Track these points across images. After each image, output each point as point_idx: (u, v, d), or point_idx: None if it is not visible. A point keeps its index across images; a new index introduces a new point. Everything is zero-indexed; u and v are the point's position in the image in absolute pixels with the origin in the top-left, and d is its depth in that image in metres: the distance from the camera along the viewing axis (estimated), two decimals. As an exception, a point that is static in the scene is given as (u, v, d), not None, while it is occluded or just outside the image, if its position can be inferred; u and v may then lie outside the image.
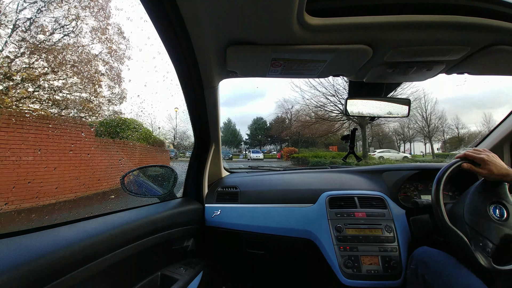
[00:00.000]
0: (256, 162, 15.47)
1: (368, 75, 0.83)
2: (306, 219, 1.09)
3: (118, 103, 6.47)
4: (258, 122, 38.95)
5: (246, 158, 23.59)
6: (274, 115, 35.67)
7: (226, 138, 38.94)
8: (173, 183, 1.17)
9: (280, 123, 30.25)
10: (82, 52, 5.44)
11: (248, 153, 25.42)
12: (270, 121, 35.91)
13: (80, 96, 5.45)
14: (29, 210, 2.32)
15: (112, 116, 6.15)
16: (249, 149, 32.85)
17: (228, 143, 39.03)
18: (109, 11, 5.92)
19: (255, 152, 24.16)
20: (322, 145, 22.06)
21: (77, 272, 0.55)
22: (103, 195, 3.66)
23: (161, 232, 0.88)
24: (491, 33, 0.61)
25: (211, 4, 0.51)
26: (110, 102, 6.29)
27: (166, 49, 0.71)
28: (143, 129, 5.97)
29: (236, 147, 39.17)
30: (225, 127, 39.98)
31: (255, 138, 38.59)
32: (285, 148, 23.61)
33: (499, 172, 0.77)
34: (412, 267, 0.84)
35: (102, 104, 6.06)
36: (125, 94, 6.55)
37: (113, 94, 6.38)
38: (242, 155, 30.26)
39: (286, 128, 27.79)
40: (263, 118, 39.02)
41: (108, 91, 6.23)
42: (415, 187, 1.22)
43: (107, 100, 6.20)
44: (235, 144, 39.19)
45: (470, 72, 0.84)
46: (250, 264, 1.31)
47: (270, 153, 31.19)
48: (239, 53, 0.67)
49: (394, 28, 0.59)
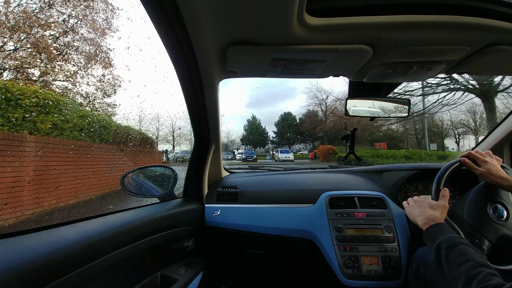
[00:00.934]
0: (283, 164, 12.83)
1: (368, 75, 0.83)
2: (306, 219, 1.09)
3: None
4: (286, 118, 34.35)
5: (274, 159, 21.02)
6: (305, 108, 32.09)
7: (250, 137, 35.28)
8: (173, 183, 1.17)
9: (313, 117, 26.39)
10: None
11: (275, 154, 22.51)
12: (300, 116, 31.58)
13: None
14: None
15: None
16: (277, 148, 29.63)
17: (252, 142, 35.33)
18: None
19: (284, 152, 21.16)
20: (366, 142, 18.14)
21: (77, 272, 0.55)
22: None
23: (161, 232, 0.88)
24: (491, 33, 0.62)
25: (211, 4, 0.51)
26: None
27: (166, 49, 0.71)
28: (81, 112, 3.55)
29: (262, 146, 36.03)
30: (249, 124, 36.74)
31: (283, 137, 34.39)
32: (321, 146, 19.77)
33: (497, 174, 0.77)
34: (414, 267, 0.84)
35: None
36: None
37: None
38: (268, 155, 27.53)
39: (320, 123, 24.14)
40: (292, 113, 34.53)
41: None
42: (415, 187, 1.22)
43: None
44: (261, 144, 35.87)
45: (470, 72, 0.84)
46: (250, 264, 1.31)
47: (298, 152, 27.50)
48: (239, 53, 0.67)
49: (394, 28, 0.59)
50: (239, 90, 62.82)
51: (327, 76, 0.84)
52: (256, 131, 35.76)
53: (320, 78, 0.86)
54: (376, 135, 17.36)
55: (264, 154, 29.59)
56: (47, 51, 4.61)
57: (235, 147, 34.04)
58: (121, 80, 6.91)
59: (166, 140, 20.24)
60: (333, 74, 0.83)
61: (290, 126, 33.47)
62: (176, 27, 0.61)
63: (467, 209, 0.80)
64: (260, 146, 36.16)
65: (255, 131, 35.61)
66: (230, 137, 35.30)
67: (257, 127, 36.35)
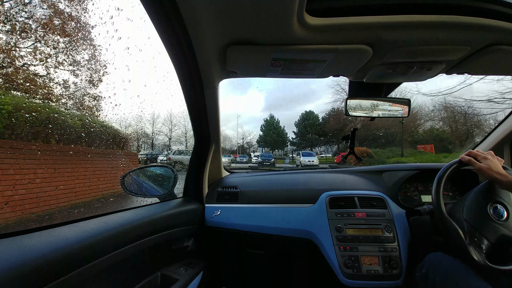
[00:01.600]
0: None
1: (368, 75, 0.83)
2: (306, 219, 1.09)
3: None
4: (308, 117, 30.77)
5: (294, 164, 17.25)
6: (329, 105, 27.73)
7: (267, 138, 31.19)
8: (173, 183, 1.17)
9: (338, 115, 22.30)
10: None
11: (296, 157, 18.28)
12: (323, 115, 28.01)
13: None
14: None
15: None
16: (297, 151, 25.07)
17: (270, 144, 31.39)
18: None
19: (307, 155, 17.48)
20: (406, 143, 15.04)
21: (77, 272, 0.55)
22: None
23: (161, 232, 0.88)
24: (491, 33, 0.62)
25: (211, 4, 0.51)
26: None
27: (166, 49, 0.71)
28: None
29: (281, 148, 31.93)
30: (266, 124, 32.61)
31: (304, 138, 30.37)
32: (357, 148, 15.20)
33: (496, 170, 0.77)
34: (423, 271, 0.83)
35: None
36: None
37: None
38: (287, 158, 22.79)
39: (348, 121, 18.90)
40: (314, 112, 30.89)
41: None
42: (415, 187, 1.22)
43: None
44: (280, 145, 31.62)
45: (470, 72, 0.84)
46: (250, 264, 1.31)
47: (319, 155, 22.41)
48: (239, 53, 0.67)
49: (394, 28, 0.59)
50: (254, 93, 60.10)
51: (327, 76, 0.84)
52: (274, 131, 31.84)
53: (320, 78, 0.86)
54: (418, 136, 14.72)
55: (282, 157, 24.89)
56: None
57: (251, 149, 31.27)
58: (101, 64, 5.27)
59: (179, 142, 19.69)
60: (333, 74, 0.83)
61: (312, 126, 29.52)
62: (176, 27, 0.61)
63: (467, 209, 0.80)
64: (278, 148, 32.22)
65: (273, 132, 31.74)
66: (246, 139, 32.09)
67: (275, 127, 32.38)
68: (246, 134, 32.93)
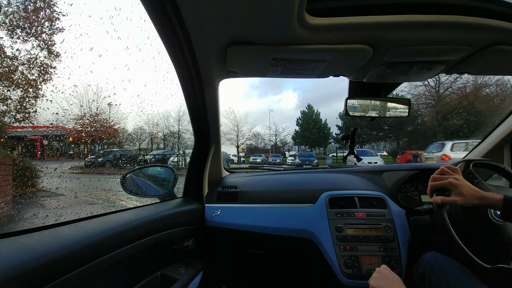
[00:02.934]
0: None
1: (368, 75, 0.83)
2: (306, 219, 1.09)
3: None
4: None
5: (345, 164, 8.12)
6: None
7: (306, 133, 24.91)
8: (173, 183, 1.17)
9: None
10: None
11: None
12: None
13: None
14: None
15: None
16: (343, 149, 18.86)
17: (309, 140, 24.84)
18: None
19: (365, 154, 12.80)
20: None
21: (77, 272, 0.55)
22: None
23: (161, 232, 0.88)
24: (491, 33, 0.62)
25: (211, 4, 0.51)
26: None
27: (166, 49, 0.71)
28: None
29: (323, 146, 25.60)
30: (303, 117, 26.08)
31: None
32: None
33: (473, 195, 0.68)
34: (420, 272, 0.83)
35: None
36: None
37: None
38: (330, 159, 18.35)
39: (427, 106, 13.80)
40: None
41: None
42: (415, 187, 1.22)
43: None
44: (322, 142, 25.16)
45: (470, 72, 0.84)
46: (250, 264, 1.31)
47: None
48: (240, 53, 0.67)
49: (394, 28, 0.59)
50: (288, 93, 54.17)
51: (327, 76, 0.84)
52: (314, 125, 25.00)
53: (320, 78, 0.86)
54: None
55: (323, 157, 20.15)
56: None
57: (285, 147, 25.25)
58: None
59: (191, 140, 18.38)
60: (333, 74, 0.83)
61: (363, 117, 22.70)
62: (176, 27, 0.61)
63: (464, 209, 0.80)
64: (319, 146, 25.76)
65: (313, 126, 24.81)
66: (280, 135, 25.21)
67: (315, 120, 25.44)
68: (280, 130, 26.03)
